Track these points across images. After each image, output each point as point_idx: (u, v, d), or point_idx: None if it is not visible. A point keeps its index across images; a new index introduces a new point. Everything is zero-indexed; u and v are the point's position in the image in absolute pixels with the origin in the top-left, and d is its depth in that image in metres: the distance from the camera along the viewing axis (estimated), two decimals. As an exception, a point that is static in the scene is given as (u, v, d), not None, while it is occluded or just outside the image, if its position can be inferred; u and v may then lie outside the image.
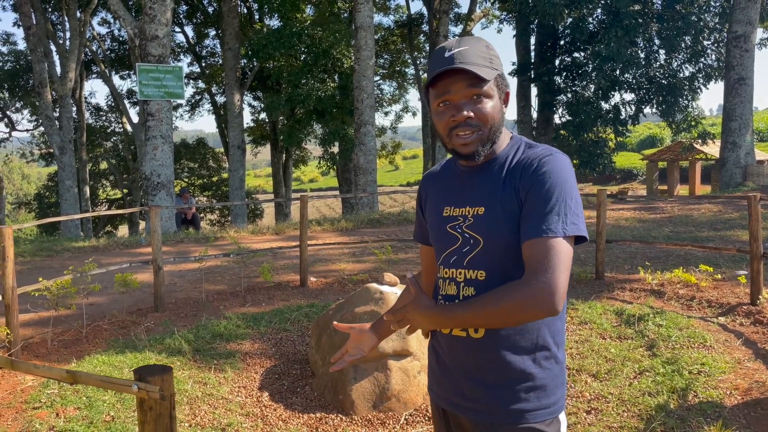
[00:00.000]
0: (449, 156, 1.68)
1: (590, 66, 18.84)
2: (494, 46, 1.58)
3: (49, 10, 21.63)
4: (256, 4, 21.74)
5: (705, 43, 18.66)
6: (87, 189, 23.25)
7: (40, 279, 5.30)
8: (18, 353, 4.82)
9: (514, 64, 21.56)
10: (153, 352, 4.84)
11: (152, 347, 4.93)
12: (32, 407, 3.78)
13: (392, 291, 4.35)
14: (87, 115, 25.29)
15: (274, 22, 22.01)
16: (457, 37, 1.62)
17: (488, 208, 1.52)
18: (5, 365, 1.77)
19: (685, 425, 3.41)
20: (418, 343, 4.20)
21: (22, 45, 27.07)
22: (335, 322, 1.79)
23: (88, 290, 5.57)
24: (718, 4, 18.80)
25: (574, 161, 20.40)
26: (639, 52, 18.25)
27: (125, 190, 27.56)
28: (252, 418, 3.94)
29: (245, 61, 19.47)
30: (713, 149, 22.08)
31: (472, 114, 1.49)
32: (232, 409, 4.02)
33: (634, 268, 7.03)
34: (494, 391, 1.52)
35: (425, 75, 24.40)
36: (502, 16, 23.19)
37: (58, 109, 19.40)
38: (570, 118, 19.87)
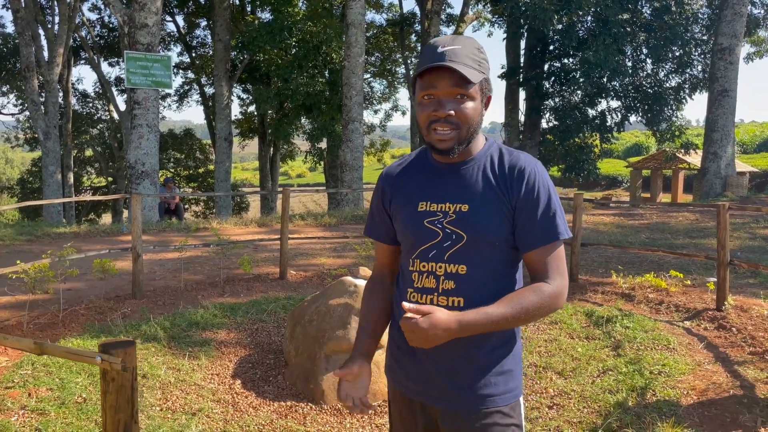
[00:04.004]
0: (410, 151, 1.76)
1: (578, 72, 19.01)
2: (485, 49, 1.61)
3: (39, -7, 21.43)
4: (249, -3, 21.74)
5: (691, 54, 18.93)
6: (71, 175, 23.06)
7: (18, 262, 5.32)
8: (-7, 334, 4.84)
9: (503, 67, 21.70)
10: (128, 337, 4.89)
11: (128, 333, 4.98)
12: (4, 387, 3.82)
13: (366, 284, 4.43)
14: (73, 101, 25.07)
15: (266, 15, 21.98)
16: (451, 35, 1.67)
17: (473, 206, 1.57)
18: (-25, 336, 1.84)
19: (640, 421, 3.54)
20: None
21: (10, 28, 26.79)
22: (336, 371, 1.73)
23: (65, 275, 5.59)
24: (705, 16, 19.08)
25: (560, 166, 20.62)
26: (626, 60, 18.48)
27: (110, 179, 27.36)
28: (223, 404, 4.01)
29: (235, 53, 19.44)
30: (696, 159, 22.38)
31: (452, 112, 1.52)
32: (204, 395, 4.09)
33: (607, 272, 7.17)
34: (468, 379, 1.58)
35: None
36: (494, 19, 23.32)
37: (44, 94, 19.22)
38: (557, 123, 20.05)
